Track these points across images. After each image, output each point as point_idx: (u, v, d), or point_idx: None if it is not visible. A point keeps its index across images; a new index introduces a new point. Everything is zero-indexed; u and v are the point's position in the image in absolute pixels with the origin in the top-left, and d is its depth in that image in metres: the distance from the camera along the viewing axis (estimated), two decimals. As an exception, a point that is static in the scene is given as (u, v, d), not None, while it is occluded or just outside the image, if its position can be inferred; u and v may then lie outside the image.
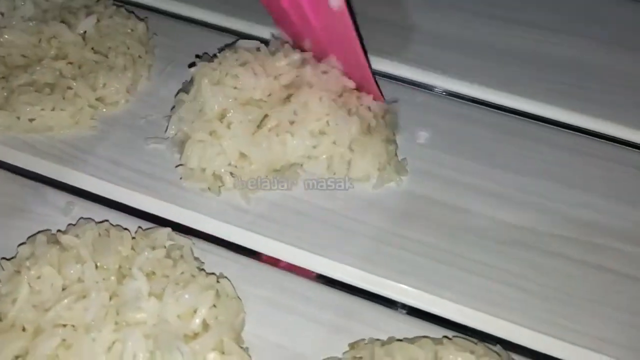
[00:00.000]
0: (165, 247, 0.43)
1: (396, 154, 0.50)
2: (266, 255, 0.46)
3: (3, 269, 0.41)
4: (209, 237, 0.46)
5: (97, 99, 0.52)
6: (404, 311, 0.43)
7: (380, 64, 0.58)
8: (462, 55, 0.58)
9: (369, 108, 0.50)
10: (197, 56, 0.55)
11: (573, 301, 0.43)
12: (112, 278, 0.41)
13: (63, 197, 0.47)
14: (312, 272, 0.45)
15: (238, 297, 0.42)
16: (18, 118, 0.49)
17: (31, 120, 0.50)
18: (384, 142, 0.49)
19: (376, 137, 0.49)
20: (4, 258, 0.42)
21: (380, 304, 0.44)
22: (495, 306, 0.43)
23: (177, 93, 0.52)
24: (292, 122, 0.48)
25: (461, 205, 0.48)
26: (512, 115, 0.54)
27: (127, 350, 0.38)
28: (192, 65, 0.51)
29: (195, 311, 0.40)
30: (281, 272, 0.45)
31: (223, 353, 0.39)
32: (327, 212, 0.47)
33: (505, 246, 0.46)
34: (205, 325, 0.40)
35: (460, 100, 0.56)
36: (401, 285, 0.44)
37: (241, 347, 0.39)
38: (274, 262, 0.45)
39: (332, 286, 0.44)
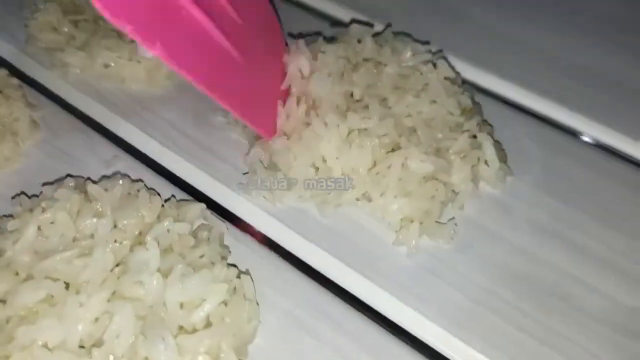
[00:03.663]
0: (191, 223, 0.37)
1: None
2: (300, 261, 0.39)
3: (21, 205, 0.38)
4: (251, 229, 0.40)
5: (176, 59, 0.48)
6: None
7: (510, 91, 0.50)
8: (601, 93, 0.48)
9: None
10: (290, 35, 0.50)
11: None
12: (126, 242, 0.36)
13: (112, 150, 0.44)
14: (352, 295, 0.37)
15: (257, 302, 0.35)
16: (94, 61, 0.47)
17: (106, 66, 0.47)
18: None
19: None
20: (24, 193, 0.39)
21: (418, 350, 0.35)
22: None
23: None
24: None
25: (562, 265, 0.38)
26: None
27: (111, 327, 0.32)
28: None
29: (201, 303, 0.33)
30: (316, 286, 0.37)
31: (215, 360, 0.32)
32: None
33: (605, 328, 0.35)
34: (208, 323, 0.33)
35: (592, 145, 0.46)
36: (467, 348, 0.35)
37: (240, 360, 0.32)
38: (309, 272, 0.38)
39: (368, 316, 0.36)
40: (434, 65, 0.45)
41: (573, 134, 0.46)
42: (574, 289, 0.37)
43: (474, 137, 0.43)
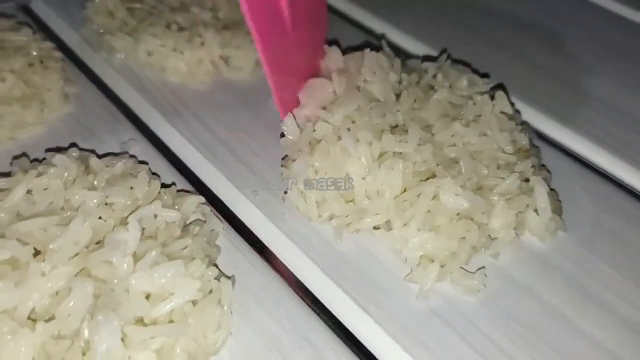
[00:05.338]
0: (185, 215, 0.34)
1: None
2: (295, 278, 0.34)
3: (19, 166, 0.36)
4: (250, 236, 0.36)
5: (221, 57, 0.46)
6: None
7: (572, 141, 0.44)
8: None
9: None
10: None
11: None
12: (111, 221, 0.33)
13: (132, 134, 0.42)
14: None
15: (232, 311, 0.31)
16: (138, 47, 0.46)
17: (149, 54, 0.46)
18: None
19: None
20: (25, 155, 0.37)
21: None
22: None
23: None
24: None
25: (601, 340, 0.31)
26: None
27: (66, 303, 0.29)
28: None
29: (167, 297, 0.29)
30: (305, 309, 0.32)
31: (165, 364, 0.28)
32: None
33: None
34: (170, 321, 0.29)
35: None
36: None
37: (194, 371, 0.28)
38: (301, 292, 0.34)
39: (357, 352, 0.31)
40: (492, 97, 0.41)
41: (637, 196, 0.40)
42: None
43: (526, 180, 0.38)
